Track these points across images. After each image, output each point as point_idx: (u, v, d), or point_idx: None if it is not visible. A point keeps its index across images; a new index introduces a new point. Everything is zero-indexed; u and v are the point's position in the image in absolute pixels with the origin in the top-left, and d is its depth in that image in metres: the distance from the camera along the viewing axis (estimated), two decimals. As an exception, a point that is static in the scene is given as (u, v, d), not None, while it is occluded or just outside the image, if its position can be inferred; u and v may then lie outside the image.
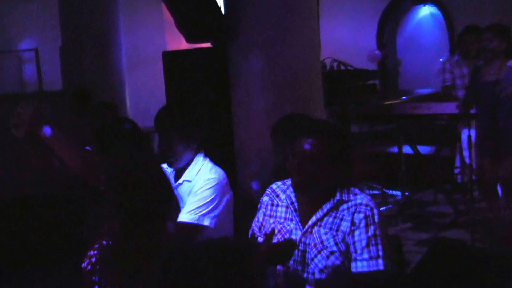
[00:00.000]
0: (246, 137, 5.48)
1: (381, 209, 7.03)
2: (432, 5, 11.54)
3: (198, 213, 3.48)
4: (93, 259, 2.54)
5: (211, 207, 3.52)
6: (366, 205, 2.93)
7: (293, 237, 3.01)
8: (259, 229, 3.18)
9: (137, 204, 2.44)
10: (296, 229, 3.02)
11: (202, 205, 3.50)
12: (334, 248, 2.92)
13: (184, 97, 6.42)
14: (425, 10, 11.91)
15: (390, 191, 8.02)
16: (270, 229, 3.06)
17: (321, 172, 2.92)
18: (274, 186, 3.20)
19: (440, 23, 11.12)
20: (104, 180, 2.56)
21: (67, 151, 3.18)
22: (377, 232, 2.90)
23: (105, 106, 5.93)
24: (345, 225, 2.93)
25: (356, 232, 2.90)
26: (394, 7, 11.93)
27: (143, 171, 2.52)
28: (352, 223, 2.92)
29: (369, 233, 2.89)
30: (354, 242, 2.90)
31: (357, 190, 3.02)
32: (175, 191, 3.57)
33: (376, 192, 8.00)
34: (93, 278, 2.52)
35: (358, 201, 2.95)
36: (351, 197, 2.98)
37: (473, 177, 7.31)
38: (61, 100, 8.41)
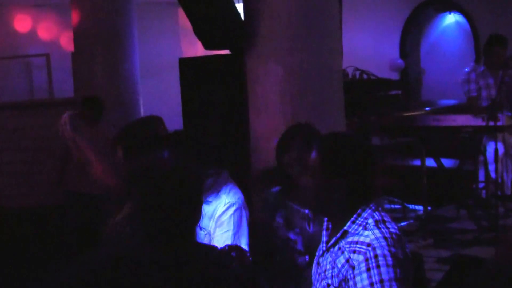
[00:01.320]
0: (262, 145, 5.41)
1: (401, 224, 6.88)
2: (457, 13, 11.47)
3: (236, 241, 3.54)
4: None
5: (240, 230, 3.60)
6: (368, 245, 2.58)
7: (320, 252, 2.89)
8: None
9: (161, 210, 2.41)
10: (321, 248, 2.88)
11: (234, 234, 3.57)
12: (330, 282, 2.69)
13: (200, 104, 6.47)
14: (450, 18, 11.86)
15: (411, 206, 7.89)
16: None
17: (319, 187, 2.72)
18: None
19: (465, 31, 11.06)
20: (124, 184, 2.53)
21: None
22: (383, 277, 2.52)
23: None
24: (340, 261, 2.65)
25: (358, 278, 2.56)
26: (418, 15, 11.91)
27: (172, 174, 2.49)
28: (350, 264, 2.60)
29: (373, 279, 2.52)
30: None
31: (371, 224, 2.67)
32: None
33: (397, 206, 7.89)
34: None
35: (362, 239, 2.62)
36: (361, 230, 2.66)
37: (499, 193, 7.14)
38: (72, 108, 8.34)
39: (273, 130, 5.17)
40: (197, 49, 9.48)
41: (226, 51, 6.09)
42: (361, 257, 2.55)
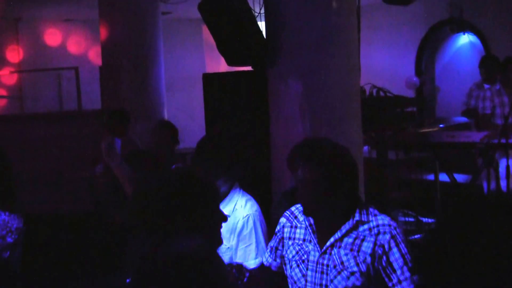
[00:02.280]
0: (283, 161, 5.44)
1: (415, 236, 6.99)
2: (471, 33, 11.55)
3: (260, 253, 3.59)
4: None
5: (262, 241, 3.67)
6: (389, 225, 2.96)
7: (311, 258, 3.04)
8: (275, 250, 3.26)
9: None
10: (314, 250, 3.05)
11: (257, 245, 3.63)
12: (355, 269, 2.93)
13: (223, 119, 6.49)
14: (464, 39, 11.91)
15: (425, 219, 7.92)
16: (288, 251, 3.13)
17: (322, 198, 2.94)
18: (293, 208, 3.23)
19: (479, 51, 11.09)
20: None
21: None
22: (407, 248, 2.94)
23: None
24: (367, 246, 2.94)
25: (390, 252, 2.92)
26: (433, 35, 11.96)
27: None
28: (378, 244, 2.93)
29: (402, 251, 2.92)
30: (390, 264, 2.91)
31: (376, 211, 3.02)
32: None
33: (411, 219, 7.94)
34: None
35: (380, 222, 2.98)
36: (371, 217, 2.99)
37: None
38: (99, 120, 8.52)
39: (293, 145, 5.40)
40: (221, 65, 9.61)
41: (249, 67, 6.16)
42: (387, 236, 2.94)
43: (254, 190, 3.98)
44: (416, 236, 7.18)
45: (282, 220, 3.24)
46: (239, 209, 3.70)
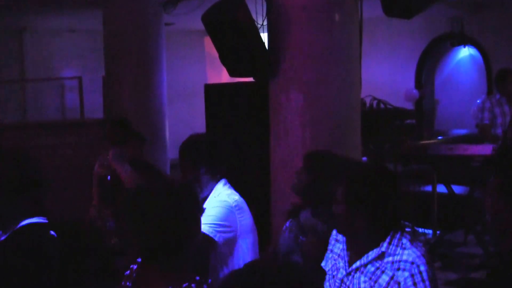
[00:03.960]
0: (283, 171, 5.48)
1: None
2: (471, 46, 11.63)
3: (212, 227, 3.60)
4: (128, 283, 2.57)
5: (222, 228, 3.65)
6: (412, 263, 2.83)
7: (339, 275, 3.02)
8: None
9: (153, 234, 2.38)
10: (343, 268, 3.02)
11: (213, 221, 3.61)
12: None
13: (224, 130, 6.54)
14: (465, 52, 12.00)
15: (421, 229, 8.01)
16: (327, 263, 3.13)
17: (350, 217, 2.90)
18: None
19: (478, 65, 11.19)
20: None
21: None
22: None
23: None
24: (384, 279, 2.87)
25: None
26: (433, 48, 12.06)
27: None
28: (395, 280, 2.84)
29: None
30: None
31: (407, 243, 2.89)
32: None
33: (407, 229, 7.97)
34: None
35: (405, 258, 2.85)
36: (399, 250, 2.87)
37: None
38: (101, 129, 8.57)
39: (292, 156, 5.33)
40: (222, 76, 9.68)
41: (250, 79, 6.13)
42: (407, 273, 2.82)
43: (253, 200, 4.00)
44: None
45: (334, 232, 3.20)
46: (218, 196, 3.76)
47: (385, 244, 2.89)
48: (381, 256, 2.90)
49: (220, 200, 3.72)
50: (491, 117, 7.76)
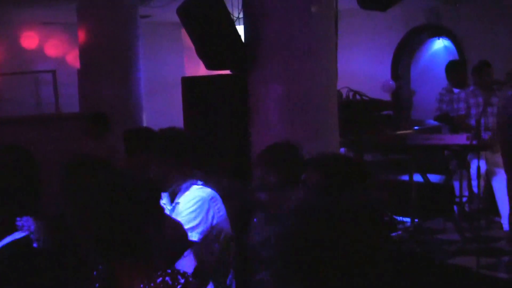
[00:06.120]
0: None
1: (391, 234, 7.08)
2: (446, 38, 11.76)
3: (191, 229, 3.58)
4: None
5: (195, 223, 3.63)
6: None
7: None
8: None
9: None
10: None
11: (187, 221, 3.58)
12: None
13: (201, 122, 6.50)
14: (439, 43, 12.13)
15: (400, 218, 8.07)
16: None
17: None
18: None
19: (453, 56, 11.28)
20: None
21: None
22: None
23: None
24: None
25: None
26: (409, 40, 12.16)
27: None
28: None
29: None
30: None
31: None
32: (171, 214, 3.66)
33: (386, 218, 8.06)
34: None
35: None
36: None
37: (480, 205, 7.44)
38: (77, 123, 8.51)
39: None
40: (200, 69, 9.63)
41: (228, 71, 6.21)
42: None
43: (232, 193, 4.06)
44: (392, 235, 7.32)
45: None
46: (190, 193, 3.74)
47: None
48: None
49: (194, 197, 3.70)
50: (466, 108, 7.84)
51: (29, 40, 12.65)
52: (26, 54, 12.51)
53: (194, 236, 3.58)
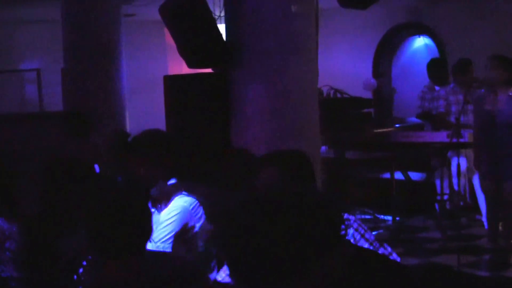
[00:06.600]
0: None
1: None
2: (427, 36, 11.84)
3: (165, 241, 3.57)
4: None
5: (171, 234, 3.61)
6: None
7: None
8: None
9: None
10: None
11: (168, 233, 3.58)
12: None
13: (184, 121, 6.50)
14: (420, 41, 12.21)
15: (382, 216, 8.13)
16: None
17: None
18: None
19: (434, 54, 11.34)
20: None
21: None
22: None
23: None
24: None
25: None
26: (391, 38, 12.20)
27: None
28: None
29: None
30: None
31: None
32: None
33: (368, 216, 8.13)
34: None
35: None
36: None
37: (461, 203, 7.49)
38: (61, 122, 8.48)
39: (252, 146, 5.31)
40: (183, 67, 9.61)
41: (210, 69, 6.24)
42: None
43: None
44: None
45: None
46: (171, 203, 3.71)
47: None
48: None
49: (175, 207, 3.69)
50: (446, 105, 7.90)
51: (14, 38, 12.58)
52: (10, 53, 12.45)
53: (167, 249, 3.58)
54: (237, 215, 1.68)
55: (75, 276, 2.59)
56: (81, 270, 2.60)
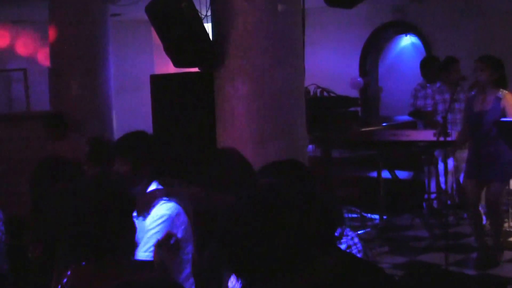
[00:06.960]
0: None
1: (359, 232, 7.20)
2: (413, 35, 11.90)
3: (152, 251, 3.51)
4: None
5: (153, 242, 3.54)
6: None
7: None
8: None
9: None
10: None
11: (154, 243, 3.51)
12: None
13: (170, 120, 6.52)
14: (407, 40, 12.27)
15: (369, 215, 8.14)
16: None
17: None
18: None
19: (420, 52, 11.40)
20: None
21: None
22: None
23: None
24: None
25: None
26: (377, 36, 12.25)
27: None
28: None
29: None
30: None
31: None
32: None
33: (355, 215, 8.13)
34: None
35: None
36: None
37: (448, 202, 7.51)
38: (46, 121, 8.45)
39: (238, 145, 5.19)
40: (170, 67, 9.61)
41: (196, 69, 6.21)
42: None
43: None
44: (360, 232, 7.41)
45: None
46: (155, 208, 3.68)
47: None
48: None
49: (160, 215, 3.66)
50: (432, 104, 7.93)
51: (0, 38, 12.54)
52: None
53: (149, 257, 3.54)
54: (237, 215, 1.69)
55: (60, 286, 2.57)
56: (65, 280, 2.57)
